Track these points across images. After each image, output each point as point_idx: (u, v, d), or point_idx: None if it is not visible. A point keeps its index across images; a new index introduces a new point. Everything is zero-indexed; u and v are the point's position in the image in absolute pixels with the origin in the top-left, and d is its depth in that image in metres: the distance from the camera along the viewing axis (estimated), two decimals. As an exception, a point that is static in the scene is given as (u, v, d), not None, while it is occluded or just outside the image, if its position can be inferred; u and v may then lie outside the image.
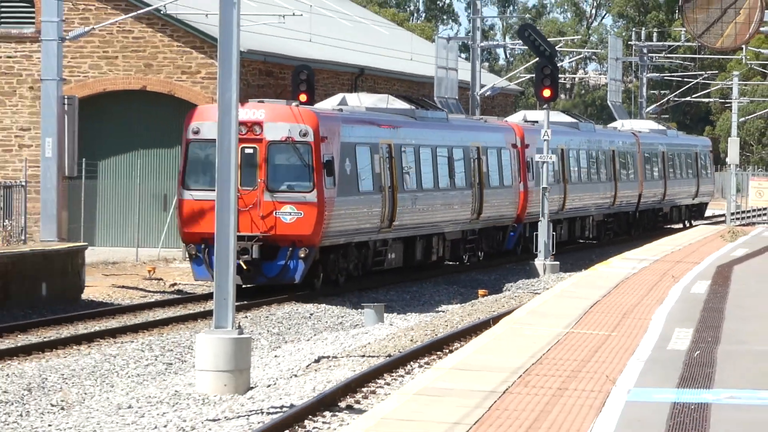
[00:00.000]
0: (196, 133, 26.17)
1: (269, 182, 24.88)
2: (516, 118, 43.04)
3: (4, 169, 35.64)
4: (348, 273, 25.54)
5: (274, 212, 24.84)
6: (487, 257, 36.32)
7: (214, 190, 23.16)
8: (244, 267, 24.12)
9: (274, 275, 25.08)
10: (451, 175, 32.97)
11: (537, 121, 41.40)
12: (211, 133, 23.25)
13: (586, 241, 47.79)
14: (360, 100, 30.90)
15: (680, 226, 56.04)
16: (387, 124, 29.36)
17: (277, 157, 25.10)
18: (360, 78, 44.49)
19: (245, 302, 24.72)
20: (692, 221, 56.90)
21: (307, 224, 24.66)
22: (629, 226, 51.64)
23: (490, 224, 35.68)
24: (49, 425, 15.71)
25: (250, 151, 24.73)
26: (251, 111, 25.04)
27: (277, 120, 25.09)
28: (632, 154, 50.74)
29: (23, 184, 29.44)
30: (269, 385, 19.13)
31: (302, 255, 24.75)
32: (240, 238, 22.28)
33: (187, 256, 25.36)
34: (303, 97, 32.23)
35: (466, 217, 33.82)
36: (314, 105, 30.82)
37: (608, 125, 56.43)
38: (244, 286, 24.43)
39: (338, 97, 30.10)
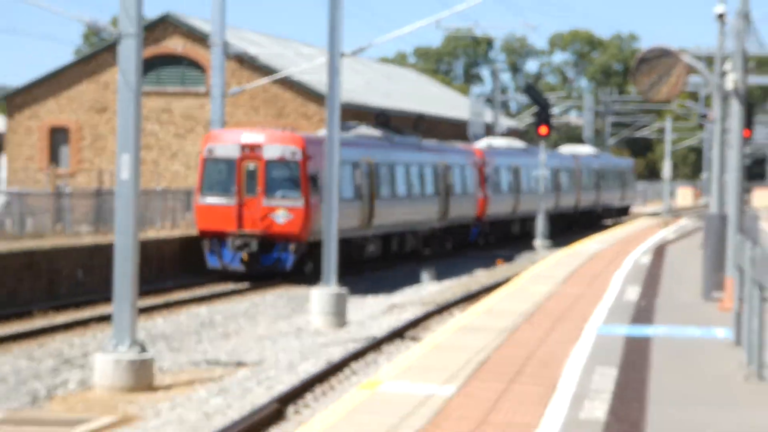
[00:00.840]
0: (211, 152, 25.38)
1: (266, 190, 24.62)
2: (482, 143, 44.15)
3: (186, 182, 40.50)
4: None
5: (271, 214, 24.47)
6: (456, 248, 36.84)
7: (223, 197, 24.18)
8: (245, 259, 24.33)
9: (269, 265, 24.47)
10: (421, 185, 32.55)
11: (495, 146, 44.50)
12: (222, 152, 24.89)
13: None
14: (357, 131, 30.50)
15: (611, 222, 60.74)
16: (367, 146, 29.06)
17: (273, 170, 24.58)
18: (419, 121, 45.82)
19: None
20: (620, 218, 63.09)
21: (297, 223, 24.12)
22: (570, 222, 53.61)
23: (456, 223, 35.49)
24: (216, 348, 17.19)
25: (254, 166, 24.45)
26: (255, 134, 25.73)
27: (273, 141, 24.66)
28: (571, 170, 51.77)
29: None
30: (358, 323, 20.63)
31: (292, 249, 24.23)
32: (241, 236, 24.14)
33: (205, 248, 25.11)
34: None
35: (434, 217, 33.58)
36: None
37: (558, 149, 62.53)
38: (246, 273, 24.80)
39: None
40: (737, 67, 16.88)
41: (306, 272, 24.82)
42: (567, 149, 59.27)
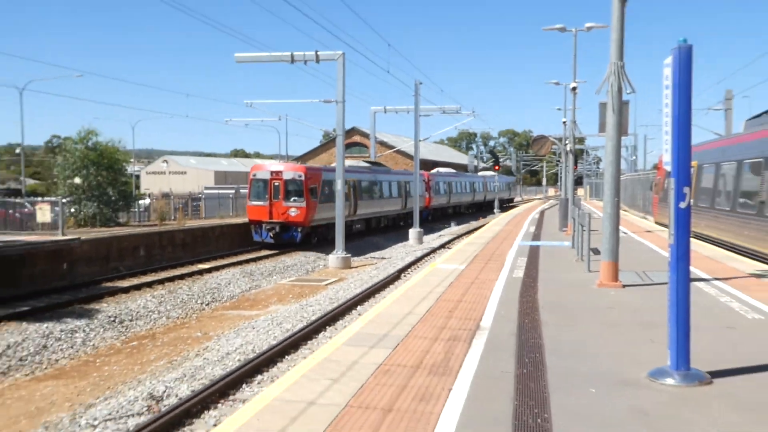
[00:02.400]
0: (254, 176, 34.44)
1: (284, 197, 33.73)
2: (435, 170, 64.73)
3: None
4: (332, 237, 33.37)
5: (287, 211, 33.45)
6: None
7: (261, 201, 33.70)
8: (272, 236, 33.41)
9: (287, 239, 33.23)
10: (389, 191, 45.92)
11: (440, 172, 64.73)
12: (260, 175, 33.99)
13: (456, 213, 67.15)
14: (349, 162, 40.90)
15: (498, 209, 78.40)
16: (353, 172, 39.52)
17: (288, 186, 33.51)
18: (437, 165, 77.16)
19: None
20: (506, 207, 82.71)
21: (302, 216, 32.97)
22: (485, 206, 79.12)
23: (412, 210, 44.66)
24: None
25: (278, 183, 33.31)
26: (278, 165, 35.32)
27: (288, 170, 33.46)
28: (482, 182, 77.54)
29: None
30: (427, 243, 38.60)
31: (300, 230, 33.24)
32: (270, 223, 33.78)
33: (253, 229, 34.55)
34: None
35: (399, 208, 48.24)
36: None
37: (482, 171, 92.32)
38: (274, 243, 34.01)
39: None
40: (570, 141, 33.27)
41: (312, 243, 34.31)
42: (482, 173, 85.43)
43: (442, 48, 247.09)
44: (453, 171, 69.05)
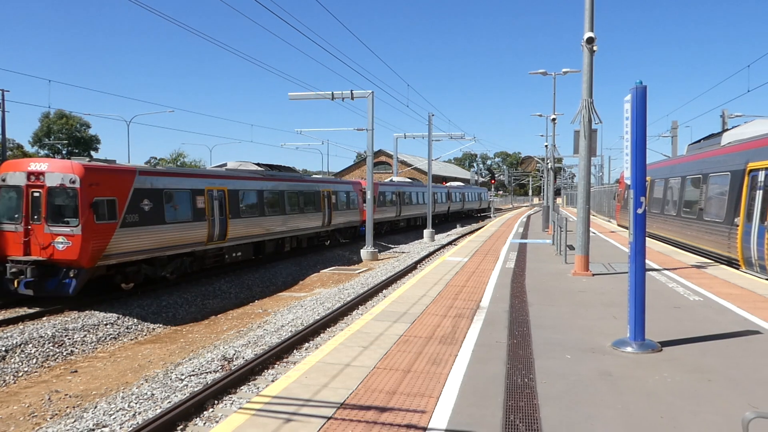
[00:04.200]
0: (2, 181, 17.63)
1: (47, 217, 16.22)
2: (389, 179, 46.59)
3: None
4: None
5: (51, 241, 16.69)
6: (353, 236, 34.14)
7: (12, 224, 15.64)
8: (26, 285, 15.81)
9: (52, 289, 15.47)
10: (298, 204, 25.78)
11: (389, 180, 44.18)
12: (10, 180, 15.52)
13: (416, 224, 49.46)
14: (232, 165, 24.21)
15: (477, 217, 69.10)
16: (214, 176, 20.08)
17: (53, 198, 15.80)
18: (447, 180, 76.59)
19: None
20: (481, 215, 71.08)
21: (75, 249, 15.41)
22: (454, 217, 60.00)
23: (341, 226, 30.83)
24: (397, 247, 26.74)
25: (38, 194, 15.87)
26: (40, 164, 15.66)
27: (55, 170, 14.90)
28: (446, 193, 53.92)
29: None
30: (437, 240, 35.82)
31: (73, 274, 15.23)
32: (19, 262, 15.87)
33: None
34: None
35: (319, 224, 28.01)
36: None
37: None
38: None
39: (224, 163, 24.91)
40: (551, 161, 32.53)
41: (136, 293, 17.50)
42: (451, 183, 65.70)
43: (450, 87, 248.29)
44: (408, 180, 46.52)
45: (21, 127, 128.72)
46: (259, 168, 25.15)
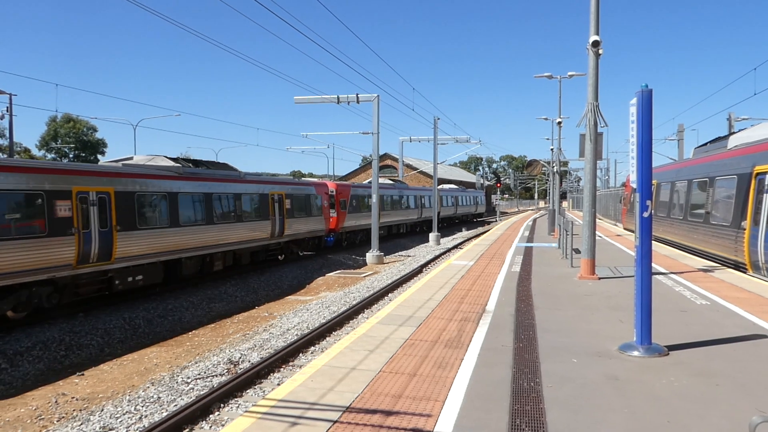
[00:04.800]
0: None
1: None
2: (368, 180, 43.57)
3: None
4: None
5: None
6: (316, 248, 29.18)
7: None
8: None
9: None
10: (234, 211, 20.86)
11: (357, 184, 36.93)
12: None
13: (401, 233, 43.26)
14: (140, 158, 18.91)
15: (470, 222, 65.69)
16: (89, 173, 14.80)
17: None
18: (452, 183, 72.77)
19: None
20: (476, 220, 68.76)
21: None
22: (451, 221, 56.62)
23: (299, 236, 25.61)
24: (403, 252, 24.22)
25: None
26: None
27: None
28: (427, 196, 48.55)
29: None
30: (443, 244, 35.55)
31: None
32: None
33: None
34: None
35: (266, 235, 22.87)
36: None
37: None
38: None
39: (130, 156, 19.48)
40: (557, 164, 32.56)
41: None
42: (443, 186, 59.00)
43: (456, 90, 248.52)
44: (390, 183, 40.20)
45: (28, 131, 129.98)
46: (175, 164, 19.28)
